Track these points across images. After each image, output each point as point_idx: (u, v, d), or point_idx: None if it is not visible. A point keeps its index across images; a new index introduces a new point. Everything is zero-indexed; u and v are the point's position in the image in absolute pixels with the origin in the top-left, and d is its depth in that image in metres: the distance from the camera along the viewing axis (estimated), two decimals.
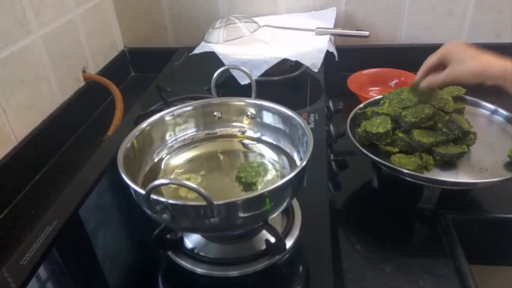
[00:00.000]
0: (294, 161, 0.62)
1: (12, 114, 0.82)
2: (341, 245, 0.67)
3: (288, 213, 0.62)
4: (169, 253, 0.57)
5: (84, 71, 1.08)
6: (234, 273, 0.54)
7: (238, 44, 1.00)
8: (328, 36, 1.02)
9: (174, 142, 0.67)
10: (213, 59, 0.95)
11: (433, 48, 1.15)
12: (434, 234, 0.68)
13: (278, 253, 0.55)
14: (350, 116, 0.79)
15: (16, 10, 0.84)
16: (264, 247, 0.56)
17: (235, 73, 0.92)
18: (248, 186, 0.59)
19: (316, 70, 0.91)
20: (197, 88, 0.96)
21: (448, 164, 0.69)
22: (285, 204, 0.53)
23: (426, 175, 0.67)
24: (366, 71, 1.10)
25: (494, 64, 0.61)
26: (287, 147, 0.64)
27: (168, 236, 0.57)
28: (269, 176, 0.61)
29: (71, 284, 0.60)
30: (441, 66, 0.67)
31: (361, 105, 0.82)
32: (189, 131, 0.68)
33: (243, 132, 0.68)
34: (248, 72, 0.68)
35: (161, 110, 0.66)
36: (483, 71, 0.61)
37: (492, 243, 0.72)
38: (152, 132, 0.64)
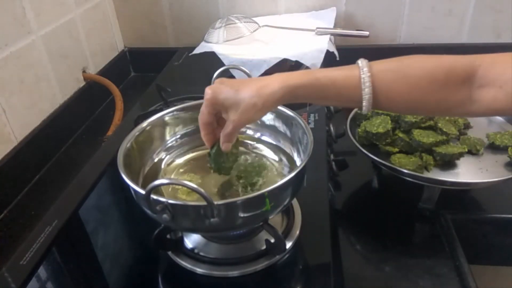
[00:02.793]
0: (294, 161, 0.62)
1: (12, 114, 0.82)
2: (341, 245, 0.67)
3: (288, 213, 0.62)
4: (169, 253, 0.57)
5: (84, 71, 1.08)
6: (234, 273, 0.54)
7: (238, 44, 1.00)
8: (328, 36, 1.02)
9: (174, 142, 0.67)
10: (213, 59, 0.95)
11: (433, 48, 1.15)
12: (434, 234, 0.68)
13: (278, 253, 0.55)
14: (350, 116, 0.80)
15: (16, 10, 0.84)
16: (264, 247, 0.56)
17: (235, 73, 0.92)
18: (249, 186, 0.59)
19: None
20: (197, 88, 0.96)
21: (448, 164, 0.69)
22: (285, 204, 0.53)
23: (426, 175, 0.67)
24: None
25: (270, 84, 0.50)
26: (287, 147, 0.64)
27: (168, 236, 0.57)
28: (269, 176, 0.61)
29: (71, 284, 0.60)
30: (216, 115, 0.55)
31: None
32: (189, 131, 0.68)
33: (243, 132, 0.68)
34: (248, 72, 0.68)
35: (161, 110, 0.66)
36: (259, 96, 0.49)
37: (492, 243, 0.72)
38: (152, 132, 0.64)
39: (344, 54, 1.01)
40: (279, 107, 0.63)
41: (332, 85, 0.52)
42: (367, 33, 1.03)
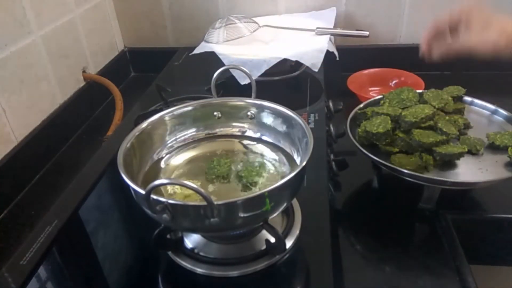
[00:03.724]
0: (294, 161, 0.62)
1: (12, 114, 0.82)
2: (341, 245, 0.67)
3: (288, 213, 0.62)
4: (169, 253, 0.57)
5: (84, 71, 1.08)
6: (234, 273, 0.54)
7: (238, 44, 1.00)
8: (328, 36, 1.02)
9: (174, 142, 0.67)
10: (213, 59, 0.95)
11: None
12: (434, 234, 0.68)
13: (278, 253, 0.55)
14: (350, 116, 0.79)
15: (16, 10, 0.84)
16: (264, 247, 0.56)
17: (235, 73, 0.92)
18: (249, 186, 0.59)
19: (316, 70, 0.91)
20: (197, 88, 0.96)
21: (448, 164, 0.69)
22: (285, 204, 0.53)
23: (426, 175, 0.67)
24: (366, 71, 1.10)
25: None
26: (287, 147, 0.64)
27: (168, 236, 0.57)
28: (269, 176, 0.61)
29: (71, 284, 0.60)
30: (448, 30, 0.56)
31: (361, 105, 0.82)
32: (189, 131, 0.68)
33: (243, 132, 0.68)
34: (248, 72, 0.68)
35: (161, 110, 0.66)
36: (507, 45, 0.51)
37: (492, 243, 0.72)
38: (152, 132, 0.64)
39: (344, 54, 1.01)
40: (279, 107, 0.64)
41: None
42: (367, 33, 1.03)
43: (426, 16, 1.12)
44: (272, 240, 0.55)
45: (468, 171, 0.68)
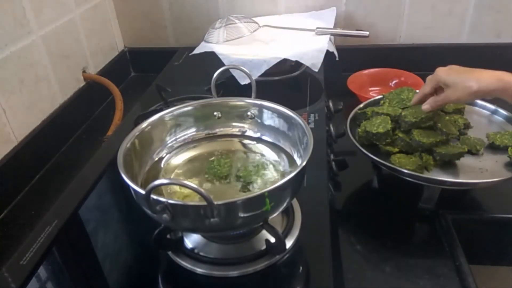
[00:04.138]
0: (294, 161, 0.62)
1: (12, 114, 0.82)
2: (341, 245, 0.67)
3: (288, 213, 0.62)
4: (169, 253, 0.57)
5: (84, 71, 1.08)
6: (234, 273, 0.54)
7: (238, 44, 1.00)
8: (328, 36, 1.02)
9: (174, 142, 0.67)
10: (213, 59, 0.95)
11: (433, 48, 1.15)
12: (434, 234, 0.68)
13: (278, 253, 0.55)
14: (350, 116, 0.80)
15: (16, 10, 0.84)
16: (264, 247, 0.56)
17: (235, 73, 0.92)
18: (248, 186, 0.59)
19: (316, 70, 0.91)
20: (197, 88, 0.96)
21: (448, 164, 0.69)
22: (285, 204, 0.53)
23: (426, 175, 0.67)
24: (366, 71, 1.10)
25: (487, 79, 0.61)
26: (287, 147, 0.64)
27: (168, 236, 0.57)
28: (269, 176, 0.61)
29: (71, 284, 0.60)
30: (437, 90, 0.68)
31: (361, 105, 0.82)
32: (189, 131, 0.68)
33: (243, 132, 0.68)
34: (248, 72, 0.68)
35: (161, 110, 0.66)
36: (478, 88, 0.61)
37: (492, 243, 0.73)
38: (152, 132, 0.64)
39: (344, 54, 1.01)
40: (279, 107, 0.64)
41: None
42: (367, 33, 1.03)
43: (426, 16, 1.13)
44: (272, 240, 0.55)
45: (468, 171, 0.68)
